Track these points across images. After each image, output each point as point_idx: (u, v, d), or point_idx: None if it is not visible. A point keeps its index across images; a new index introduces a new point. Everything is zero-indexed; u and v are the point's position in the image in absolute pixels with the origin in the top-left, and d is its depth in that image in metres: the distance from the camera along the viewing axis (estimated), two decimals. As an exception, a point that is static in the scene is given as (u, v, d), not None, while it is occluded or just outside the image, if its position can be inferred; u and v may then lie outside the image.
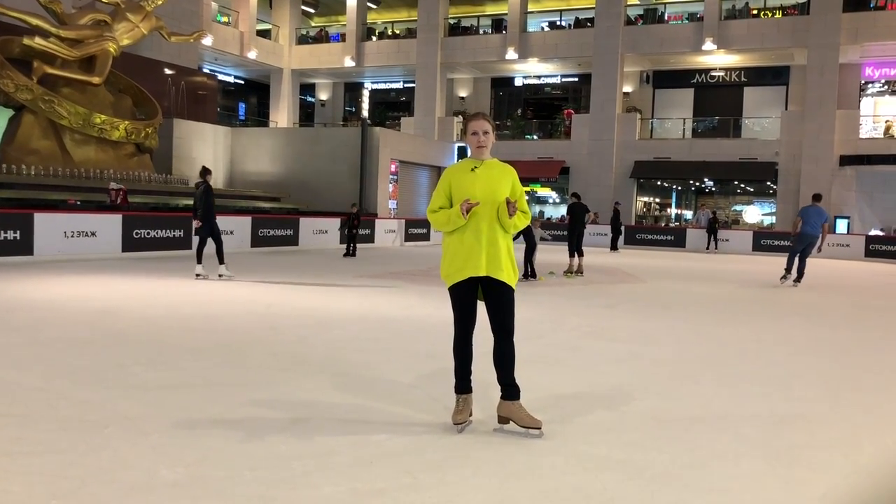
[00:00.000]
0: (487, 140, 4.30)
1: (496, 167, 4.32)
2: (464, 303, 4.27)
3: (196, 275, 12.21)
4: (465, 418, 4.29)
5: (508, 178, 4.30)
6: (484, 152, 4.33)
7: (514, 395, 4.25)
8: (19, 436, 3.97)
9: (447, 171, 4.42)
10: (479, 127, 4.30)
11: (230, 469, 3.57)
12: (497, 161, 4.38)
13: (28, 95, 18.60)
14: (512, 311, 4.26)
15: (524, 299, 10.71)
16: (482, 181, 4.23)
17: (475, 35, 36.63)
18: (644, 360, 6.58)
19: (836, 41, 29.37)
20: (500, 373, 4.27)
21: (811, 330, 8.92)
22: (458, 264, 4.23)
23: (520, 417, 4.22)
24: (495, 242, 4.20)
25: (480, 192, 4.20)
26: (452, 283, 4.27)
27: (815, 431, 4.58)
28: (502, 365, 4.25)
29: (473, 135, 4.32)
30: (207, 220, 12.20)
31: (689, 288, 13.58)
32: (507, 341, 4.24)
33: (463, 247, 4.22)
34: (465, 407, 4.31)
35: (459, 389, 4.35)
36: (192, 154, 26.10)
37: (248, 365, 5.89)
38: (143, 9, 20.81)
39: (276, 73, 39.36)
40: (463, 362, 4.34)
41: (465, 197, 4.18)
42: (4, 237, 13.62)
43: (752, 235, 28.92)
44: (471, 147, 4.37)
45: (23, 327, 7.25)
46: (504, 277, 4.21)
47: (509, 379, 4.26)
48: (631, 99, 35.36)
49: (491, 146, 4.35)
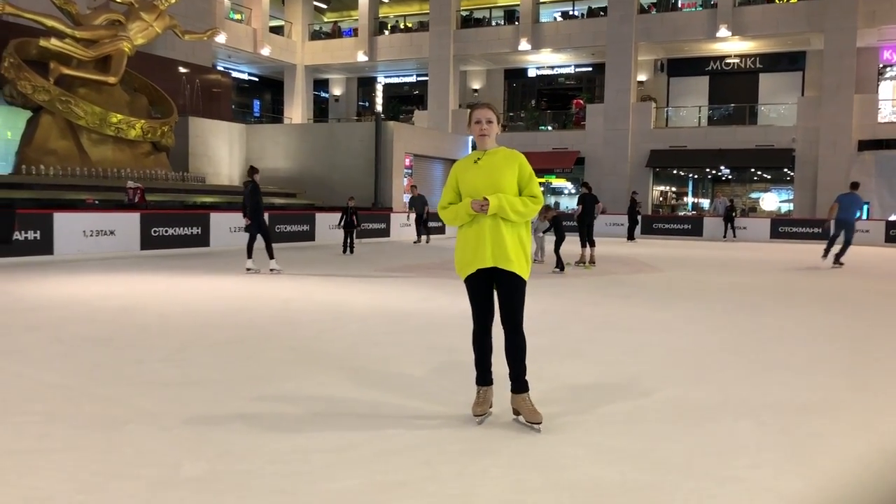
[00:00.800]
0: (491, 129, 4.24)
1: (500, 155, 4.24)
2: (477, 296, 4.26)
3: (247, 269, 12.67)
4: (485, 410, 4.30)
5: (513, 164, 4.20)
6: (487, 142, 4.26)
7: (519, 389, 4.23)
8: (44, 432, 4.02)
9: (454, 165, 4.41)
10: (483, 116, 4.23)
11: (251, 463, 3.60)
12: (503, 148, 4.30)
13: (45, 96, 18.76)
14: (519, 303, 4.20)
15: (540, 290, 10.69)
16: (484, 172, 4.18)
17: (487, 27, 36.52)
18: (661, 350, 6.56)
19: (853, 24, 29.01)
20: (510, 366, 4.25)
21: (831, 317, 8.84)
22: (468, 258, 4.21)
23: (523, 412, 4.20)
24: (499, 233, 4.13)
25: (482, 183, 4.15)
26: (465, 277, 4.27)
27: (836, 419, 4.55)
28: (509, 358, 4.24)
29: (476, 123, 4.26)
30: (256, 217, 12.63)
31: (707, 277, 13.51)
32: (515, 334, 4.20)
33: (469, 240, 4.20)
34: (484, 399, 4.32)
35: (479, 381, 4.35)
36: (207, 152, 26.24)
37: (266, 360, 5.93)
38: (157, 8, 20.91)
39: (290, 69, 39.45)
40: (481, 354, 4.33)
41: (470, 190, 4.17)
42: (25, 237, 13.77)
43: (769, 223, 28.70)
44: (474, 137, 4.32)
45: (44, 325, 7.33)
46: (512, 268, 4.14)
47: (516, 372, 4.23)
48: (645, 88, 35.14)
49: (495, 136, 4.28)
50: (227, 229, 18.09)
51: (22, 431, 4.03)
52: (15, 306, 8.59)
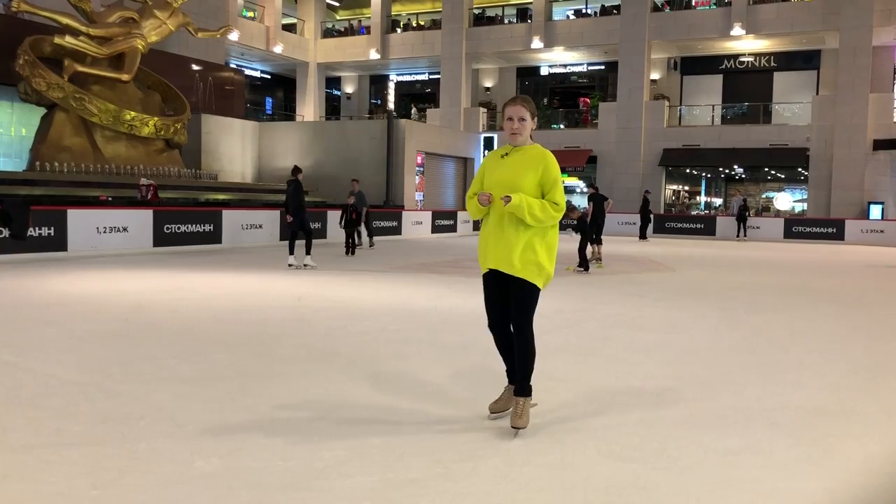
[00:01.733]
0: (523, 127, 4.09)
1: (529, 154, 4.10)
2: (487, 295, 4.23)
3: (289, 265, 13.05)
4: (501, 407, 4.26)
5: (538, 165, 4.05)
6: (517, 139, 4.13)
7: (518, 391, 4.12)
8: (58, 427, 4.04)
9: (486, 156, 4.36)
10: (515, 113, 4.10)
11: (263, 460, 3.61)
12: (535, 147, 4.14)
13: (59, 94, 18.87)
14: (526, 308, 4.07)
15: (553, 289, 10.67)
16: (506, 169, 4.08)
17: (500, 25, 36.46)
18: (675, 350, 6.53)
19: (869, 23, 28.77)
20: (516, 366, 4.17)
21: (846, 317, 8.78)
22: (481, 256, 4.20)
23: (512, 412, 4.08)
24: (503, 235, 4.02)
25: (501, 180, 4.05)
26: (482, 273, 4.24)
27: (850, 421, 4.51)
28: (518, 360, 4.15)
29: (509, 120, 4.13)
30: (298, 214, 13.03)
31: (720, 276, 13.44)
32: (521, 337, 4.11)
33: (482, 239, 4.19)
34: (501, 396, 4.31)
35: (508, 377, 4.34)
36: (220, 149, 26.33)
37: (279, 357, 5.95)
38: (170, 5, 20.99)
39: (302, 66, 39.52)
40: (503, 353, 4.30)
41: (490, 185, 4.10)
42: (39, 234, 13.86)
43: (783, 223, 28.53)
44: (506, 133, 4.19)
45: (58, 321, 7.38)
46: (517, 273, 4.00)
47: (519, 375, 4.14)
48: (658, 86, 34.99)
49: (528, 133, 4.13)
50: (239, 226, 18.16)
51: (37, 426, 4.06)
52: (29, 302, 8.65)
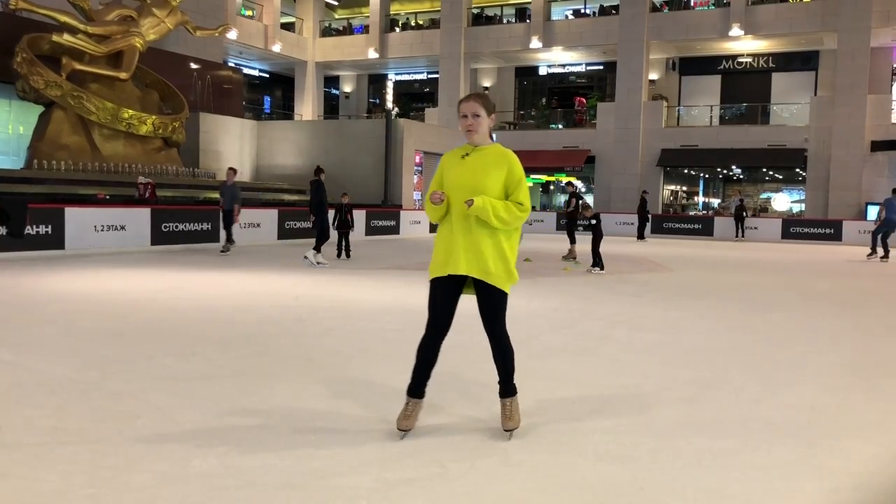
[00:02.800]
0: (478, 124, 3.88)
1: (490, 154, 3.90)
2: (438, 304, 3.94)
3: (317, 262, 13.29)
4: (412, 425, 3.96)
5: (502, 166, 3.86)
6: (475, 137, 3.91)
7: (502, 392, 4.04)
8: (55, 426, 4.04)
9: (443, 157, 4.07)
10: (469, 109, 3.89)
11: (260, 459, 3.60)
12: (496, 147, 3.94)
13: (58, 92, 18.84)
14: (500, 316, 3.93)
15: (551, 288, 10.68)
16: (467, 170, 3.86)
17: (499, 24, 36.48)
18: (673, 350, 6.53)
19: (868, 24, 28.82)
20: (497, 370, 4.05)
21: (843, 318, 8.79)
22: (440, 259, 3.90)
23: (502, 414, 4.03)
24: (476, 239, 3.80)
25: (465, 181, 3.82)
26: (431, 278, 3.96)
27: (848, 420, 4.52)
28: (497, 363, 4.03)
29: (463, 117, 3.91)
30: (319, 214, 13.47)
31: (718, 277, 13.45)
32: (500, 344, 3.97)
33: (444, 241, 3.90)
34: (413, 412, 3.96)
35: (411, 392, 3.99)
36: (218, 148, 26.30)
37: (277, 356, 5.94)
38: (169, 4, 20.97)
39: (301, 65, 39.50)
40: (423, 365, 3.97)
41: (451, 187, 3.85)
42: (37, 232, 13.84)
43: (780, 223, 28.56)
44: (462, 131, 3.98)
45: (56, 319, 7.37)
46: (492, 280, 3.82)
47: (501, 377, 4.04)
48: (657, 86, 35.01)
49: (486, 130, 3.93)
50: (237, 225, 18.10)
51: (34, 425, 4.05)
52: (26, 300, 8.63)
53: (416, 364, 3.99)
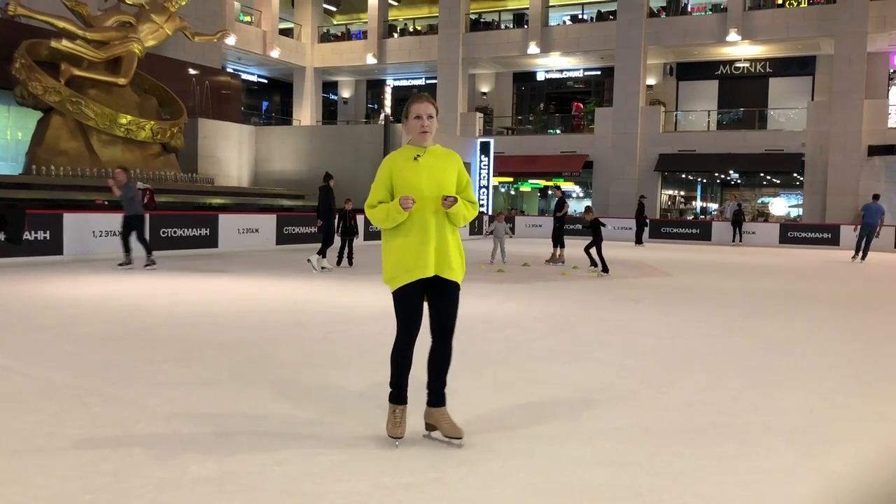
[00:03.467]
0: (432, 125, 3.89)
1: (441, 155, 3.94)
2: (411, 308, 3.88)
3: (322, 267, 13.37)
4: (404, 432, 3.94)
5: (454, 166, 3.94)
6: (427, 138, 3.91)
7: (440, 402, 3.97)
8: (52, 431, 4.03)
9: (386, 160, 4.00)
10: (423, 110, 3.88)
11: (259, 464, 3.60)
12: (440, 147, 3.98)
13: (56, 97, 18.84)
14: (457, 310, 3.94)
15: (548, 293, 10.69)
16: (427, 171, 3.85)
17: (497, 30, 36.52)
18: (670, 354, 6.53)
19: (864, 29, 28.88)
20: (433, 377, 3.96)
21: (841, 322, 8.79)
22: (407, 264, 3.81)
23: (442, 426, 3.93)
24: (444, 238, 3.84)
25: (426, 183, 3.82)
26: (398, 287, 3.86)
27: (846, 425, 4.52)
28: (438, 369, 3.95)
29: (416, 119, 3.88)
30: (326, 219, 13.64)
31: (716, 281, 13.46)
32: (447, 344, 3.94)
33: (410, 245, 3.82)
34: (402, 419, 3.95)
35: (398, 399, 3.97)
36: (216, 153, 26.31)
37: (275, 361, 5.94)
38: (167, 10, 20.98)
39: (299, 71, 39.54)
40: (403, 371, 3.95)
41: (409, 189, 3.81)
42: (35, 237, 13.82)
43: (778, 228, 28.59)
44: (412, 133, 3.92)
45: (54, 325, 7.36)
46: (455, 277, 3.87)
47: (440, 384, 3.96)
48: (654, 91, 35.07)
49: (434, 132, 3.93)
50: (235, 231, 18.13)
51: (31, 430, 4.04)
52: (24, 306, 8.63)
53: (396, 371, 3.96)
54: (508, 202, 38.64)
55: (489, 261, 15.63)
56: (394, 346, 3.96)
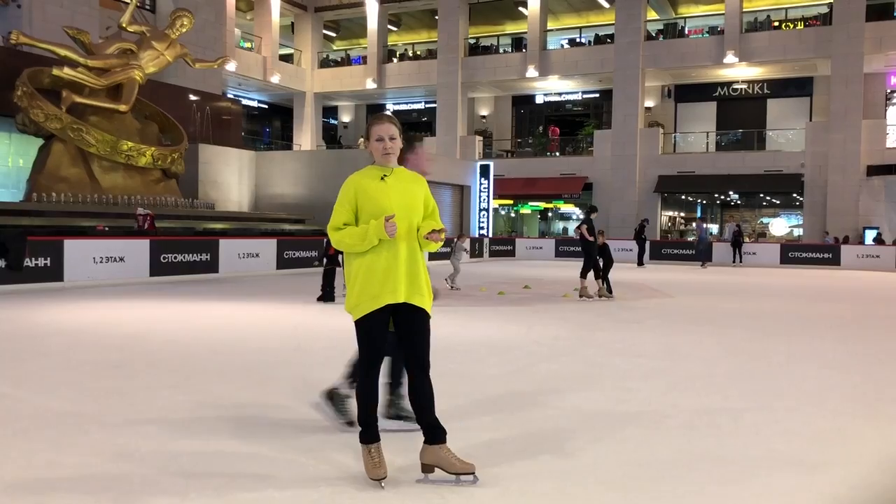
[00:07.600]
0: (395, 146, 3.81)
1: (407, 178, 3.86)
2: (377, 337, 3.68)
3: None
4: (386, 471, 3.67)
5: (421, 188, 3.86)
6: (391, 160, 3.82)
7: (439, 438, 3.70)
8: (52, 459, 4.01)
9: (349, 180, 3.83)
10: (385, 132, 3.80)
11: (259, 491, 3.58)
12: (405, 169, 3.92)
13: (57, 124, 18.94)
14: (429, 340, 3.75)
15: (549, 316, 10.66)
16: (397, 192, 3.73)
17: (495, 54, 36.80)
18: (672, 377, 6.51)
19: (860, 51, 29.11)
20: (421, 413, 3.71)
21: (843, 343, 8.77)
22: (373, 290, 3.63)
23: (450, 463, 3.67)
24: (415, 263, 3.70)
25: (398, 204, 3.69)
26: (362, 315, 3.66)
27: (850, 447, 4.49)
28: (423, 404, 3.70)
29: (378, 141, 3.80)
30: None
31: (717, 303, 13.44)
32: (425, 376, 3.71)
33: (378, 270, 3.64)
34: (379, 458, 3.69)
35: (368, 438, 3.72)
36: (217, 178, 26.40)
37: (276, 387, 5.91)
38: (168, 37, 21.16)
39: (299, 96, 39.79)
40: (372, 407, 3.73)
41: (378, 210, 3.65)
42: (36, 264, 13.83)
43: (779, 248, 28.59)
44: (375, 155, 3.84)
45: (54, 352, 7.35)
46: (425, 304, 3.72)
47: (432, 419, 3.71)
48: (653, 114, 35.26)
49: (398, 152, 3.87)
50: (236, 255, 18.14)
51: (30, 458, 4.02)
52: (25, 333, 8.61)
53: (361, 410, 3.73)
54: (509, 225, 38.71)
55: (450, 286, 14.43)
56: (358, 382, 3.78)
